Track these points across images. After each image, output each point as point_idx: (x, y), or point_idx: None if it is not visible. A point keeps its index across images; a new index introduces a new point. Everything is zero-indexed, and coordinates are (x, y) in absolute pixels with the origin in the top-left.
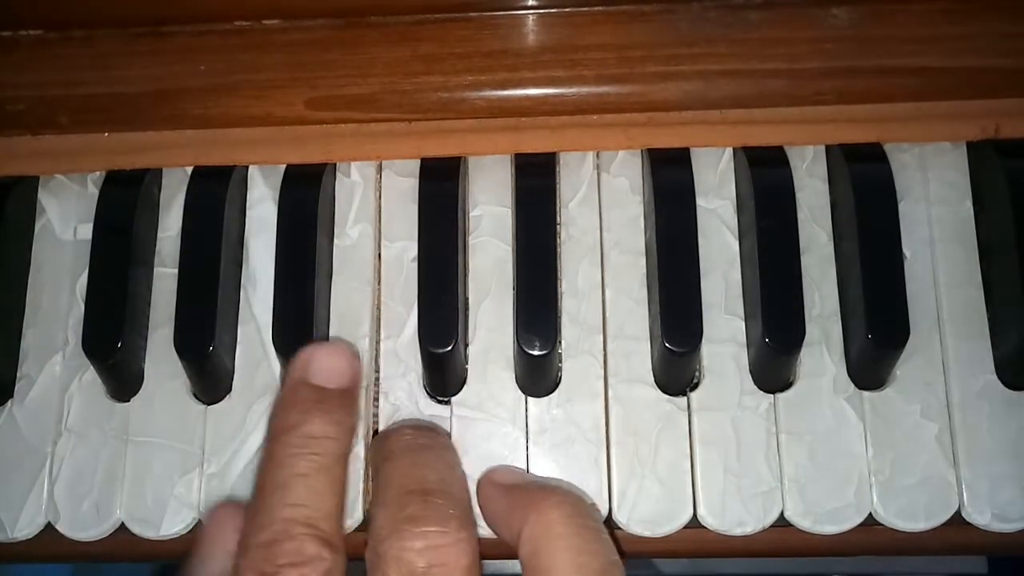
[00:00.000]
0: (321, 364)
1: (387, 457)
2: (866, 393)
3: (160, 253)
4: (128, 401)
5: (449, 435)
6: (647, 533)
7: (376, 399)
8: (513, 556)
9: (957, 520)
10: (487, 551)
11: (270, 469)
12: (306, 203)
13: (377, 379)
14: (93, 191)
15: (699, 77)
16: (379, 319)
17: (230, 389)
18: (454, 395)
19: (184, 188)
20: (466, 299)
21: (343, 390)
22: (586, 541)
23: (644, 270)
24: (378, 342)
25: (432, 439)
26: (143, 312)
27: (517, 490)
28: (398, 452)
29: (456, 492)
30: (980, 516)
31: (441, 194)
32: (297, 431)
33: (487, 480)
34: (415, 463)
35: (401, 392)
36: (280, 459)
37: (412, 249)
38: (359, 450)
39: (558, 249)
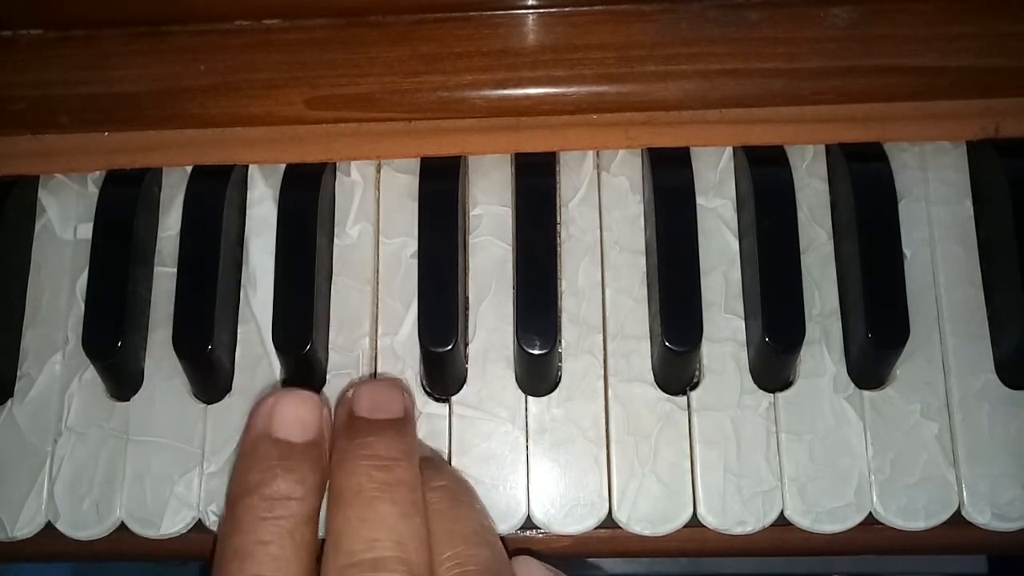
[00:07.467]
0: (285, 416)
1: (336, 499)
2: (866, 392)
3: (160, 253)
4: (128, 400)
5: (450, 438)
6: (647, 532)
7: None
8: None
9: (957, 519)
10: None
11: (230, 535)
12: (306, 202)
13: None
14: (93, 191)
15: (699, 77)
16: (377, 316)
17: (230, 388)
18: (454, 394)
19: (184, 188)
20: (466, 299)
21: (308, 443)
22: (459, 512)
23: (644, 269)
24: (376, 339)
25: (390, 475)
26: (143, 312)
27: None
28: (348, 498)
29: (411, 553)
30: (980, 515)
31: (441, 194)
32: (258, 492)
33: None
34: (364, 519)
35: None
36: (240, 524)
37: (410, 245)
38: None
39: (558, 249)
